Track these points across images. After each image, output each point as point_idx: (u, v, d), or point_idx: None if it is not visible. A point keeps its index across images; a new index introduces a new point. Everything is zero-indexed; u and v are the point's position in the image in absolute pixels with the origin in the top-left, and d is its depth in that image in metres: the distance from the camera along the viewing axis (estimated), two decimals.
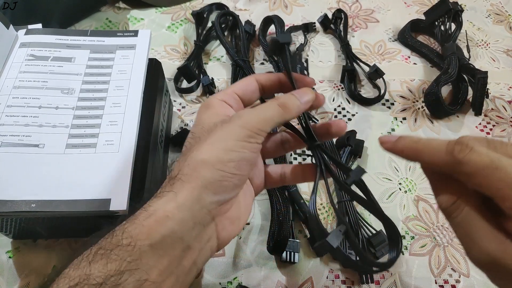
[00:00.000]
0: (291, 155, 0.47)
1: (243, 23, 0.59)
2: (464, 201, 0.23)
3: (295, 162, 0.47)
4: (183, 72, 0.53)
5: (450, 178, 0.24)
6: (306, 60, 0.57)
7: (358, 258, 0.30)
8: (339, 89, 0.54)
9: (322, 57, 0.58)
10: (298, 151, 0.48)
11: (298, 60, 0.56)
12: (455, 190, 0.24)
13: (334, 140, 0.47)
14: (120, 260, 0.22)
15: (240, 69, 0.53)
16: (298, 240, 0.39)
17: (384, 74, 0.52)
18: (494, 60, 0.58)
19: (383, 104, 0.52)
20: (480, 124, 0.50)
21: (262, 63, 0.57)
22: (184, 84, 0.54)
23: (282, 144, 0.33)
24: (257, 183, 0.32)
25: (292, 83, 0.31)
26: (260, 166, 0.32)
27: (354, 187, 0.29)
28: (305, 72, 0.55)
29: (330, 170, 0.30)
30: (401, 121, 0.50)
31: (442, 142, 0.24)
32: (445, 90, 0.53)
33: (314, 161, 0.30)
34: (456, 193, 0.24)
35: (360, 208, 0.43)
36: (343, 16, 0.60)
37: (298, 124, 0.31)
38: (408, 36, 0.59)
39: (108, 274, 0.21)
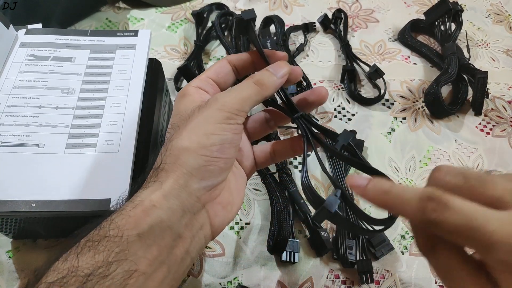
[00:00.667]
0: None
1: None
2: (442, 247, 0.22)
3: (295, 163, 0.47)
4: (183, 72, 0.53)
5: None
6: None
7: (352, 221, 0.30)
8: (339, 89, 0.54)
9: (322, 57, 0.58)
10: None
11: (267, 35, 0.55)
12: (432, 235, 0.22)
13: None
14: (107, 251, 0.21)
15: None
16: (298, 240, 0.39)
17: (384, 74, 0.52)
18: (494, 60, 0.58)
19: (383, 104, 0.52)
20: (480, 124, 0.50)
21: None
22: (184, 84, 0.54)
23: (266, 122, 0.33)
24: (247, 165, 0.32)
25: (265, 59, 0.30)
26: (247, 147, 0.32)
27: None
28: (276, 46, 0.54)
29: (318, 138, 0.29)
30: (401, 121, 0.50)
31: (415, 194, 0.21)
32: (445, 90, 0.53)
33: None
34: (433, 239, 0.22)
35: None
36: (343, 16, 0.60)
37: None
38: (408, 36, 0.59)
39: (96, 265, 0.21)
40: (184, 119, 0.27)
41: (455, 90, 0.53)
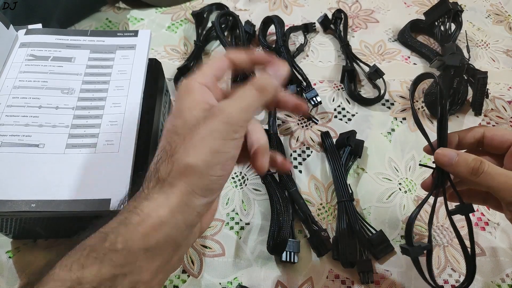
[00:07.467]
0: (291, 155, 0.47)
1: (243, 23, 0.58)
2: None
3: (295, 163, 0.47)
4: (183, 72, 0.53)
5: None
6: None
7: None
8: (339, 89, 0.54)
9: (322, 57, 0.58)
10: (299, 151, 0.48)
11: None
12: None
13: (334, 140, 0.47)
14: (114, 264, 0.22)
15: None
16: (298, 240, 0.39)
17: (384, 74, 0.52)
18: (494, 60, 0.58)
19: (383, 104, 0.52)
20: (480, 124, 0.50)
21: None
22: None
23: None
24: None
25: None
26: None
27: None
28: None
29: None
30: (401, 121, 0.50)
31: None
32: None
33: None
34: None
35: (359, 208, 0.43)
36: (343, 16, 0.60)
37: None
38: (408, 36, 0.59)
39: (102, 278, 0.21)
40: (188, 128, 0.26)
41: (455, 90, 0.53)
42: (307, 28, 0.60)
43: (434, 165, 0.32)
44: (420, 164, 0.36)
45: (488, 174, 0.29)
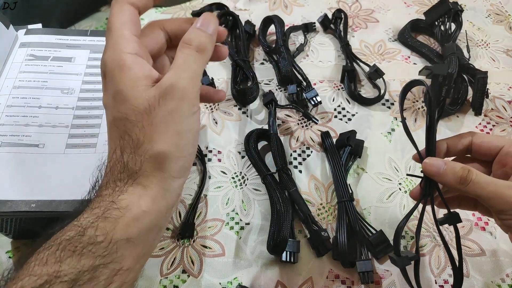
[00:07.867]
0: (291, 155, 0.47)
1: (243, 23, 0.58)
2: None
3: (295, 163, 0.47)
4: None
5: None
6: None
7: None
8: (339, 89, 0.54)
9: (322, 57, 0.58)
10: (299, 151, 0.48)
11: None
12: None
13: (334, 140, 0.47)
14: (94, 256, 0.22)
15: (240, 69, 0.53)
16: (298, 240, 0.39)
17: (384, 74, 0.52)
18: (494, 60, 0.58)
19: (383, 104, 0.52)
20: (480, 124, 0.50)
21: (262, 63, 0.57)
22: None
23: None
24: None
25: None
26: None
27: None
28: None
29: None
30: (401, 121, 0.50)
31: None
32: None
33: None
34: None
35: (359, 208, 0.43)
36: (343, 16, 0.60)
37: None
38: (408, 36, 0.58)
39: (82, 269, 0.21)
40: (142, 113, 0.24)
41: (455, 90, 0.52)
42: (307, 28, 0.60)
43: (422, 175, 0.32)
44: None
45: (476, 183, 0.29)
